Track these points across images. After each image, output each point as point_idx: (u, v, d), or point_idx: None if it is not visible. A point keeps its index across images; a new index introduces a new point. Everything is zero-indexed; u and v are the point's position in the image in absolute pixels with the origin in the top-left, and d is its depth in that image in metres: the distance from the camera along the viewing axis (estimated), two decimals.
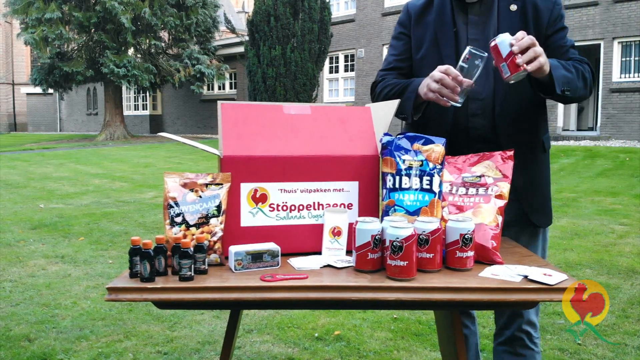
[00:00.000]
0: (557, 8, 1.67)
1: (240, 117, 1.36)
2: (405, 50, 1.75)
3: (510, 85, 1.62)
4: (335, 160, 1.35)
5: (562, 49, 1.65)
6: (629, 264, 4.05)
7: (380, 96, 1.72)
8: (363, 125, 1.42)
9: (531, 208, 1.66)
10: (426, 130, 1.69)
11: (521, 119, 1.64)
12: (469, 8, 1.68)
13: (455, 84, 1.42)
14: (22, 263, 4.14)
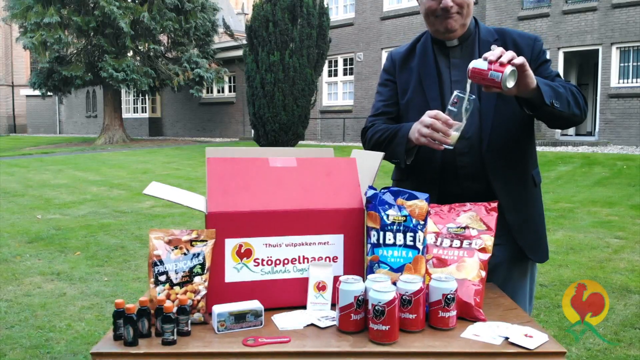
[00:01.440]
0: (538, 44, 1.69)
1: (226, 171, 1.37)
2: (392, 95, 1.78)
3: (496, 122, 1.64)
4: (321, 214, 1.36)
5: (547, 79, 1.66)
6: (623, 282, 4.06)
7: (371, 142, 1.74)
8: (348, 177, 1.43)
9: (526, 245, 1.67)
10: (416, 172, 1.71)
11: (509, 155, 1.66)
12: (451, 52, 1.71)
13: (446, 127, 1.44)
14: (18, 281, 4.15)
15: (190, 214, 6.92)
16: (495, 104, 1.63)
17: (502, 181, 1.64)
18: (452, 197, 1.67)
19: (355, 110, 19.14)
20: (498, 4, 14.95)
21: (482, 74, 1.41)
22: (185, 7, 18.58)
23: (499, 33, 1.72)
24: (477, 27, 1.73)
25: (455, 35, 1.67)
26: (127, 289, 3.98)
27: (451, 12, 1.60)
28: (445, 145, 1.46)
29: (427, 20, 1.69)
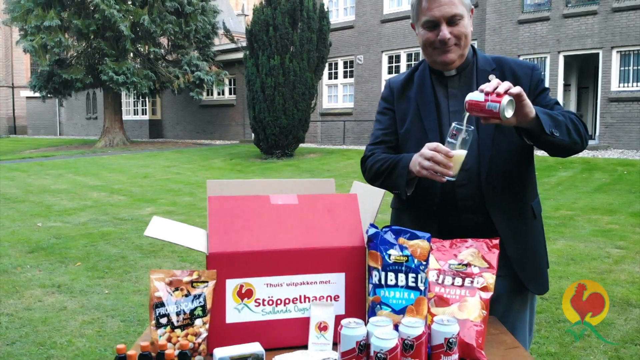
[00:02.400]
0: (536, 73, 1.69)
1: (227, 210, 1.37)
2: (390, 124, 1.78)
3: (494, 154, 1.64)
4: (322, 253, 1.35)
5: (546, 108, 1.66)
6: (623, 295, 4.05)
7: (371, 171, 1.74)
8: (350, 214, 1.43)
9: (526, 277, 1.67)
10: (416, 202, 1.71)
11: (508, 187, 1.65)
12: (449, 81, 1.70)
13: (447, 160, 1.44)
14: (19, 294, 4.15)
15: (190, 222, 6.90)
16: (492, 136, 1.63)
17: (501, 213, 1.64)
18: (452, 229, 1.67)
19: (355, 113, 19.14)
20: (498, 8, 14.95)
21: (480, 106, 1.41)
22: (186, 10, 18.58)
23: (497, 62, 1.72)
24: (475, 57, 1.72)
25: (454, 66, 1.66)
26: (127, 302, 3.98)
27: (449, 44, 1.60)
28: (448, 178, 1.46)
29: (425, 51, 1.69)
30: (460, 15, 1.59)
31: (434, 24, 1.59)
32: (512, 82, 1.66)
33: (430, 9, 1.59)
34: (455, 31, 1.60)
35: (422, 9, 1.61)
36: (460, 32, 1.60)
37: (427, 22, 1.60)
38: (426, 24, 1.61)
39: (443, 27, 1.58)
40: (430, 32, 1.61)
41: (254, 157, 14.98)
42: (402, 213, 1.79)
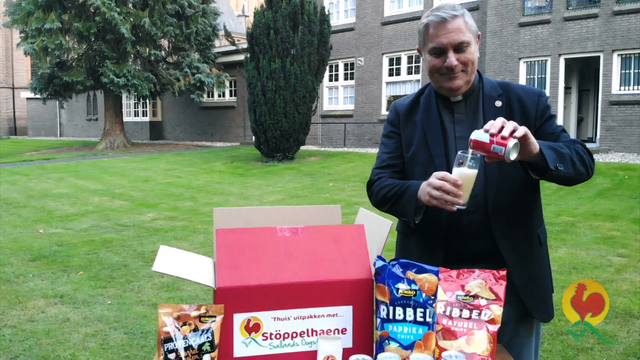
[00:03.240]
0: (543, 100, 1.69)
1: (234, 243, 1.37)
2: (396, 148, 1.78)
3: (501, 181, 1.64)
4: (329, 285, 1.35)
5: (552, 135, 1.67)
6: (626, 306, 4.05)
7: (378, 197, 1.74)
8: (357, 246, 1.43)
9: (532, 304, 1.68)
10: (422, 228, 1.71)
11: (514, 214, 1.66)
12: (455, 107, 1.71)
13: (456, 188, 1.45)
14: (22, 304, 4.15)
15: (191, 229, 6.92)
16: (499, 163, 1.63)
17: (507, 240, 1.64)
18: (459, 255, 1.68)
19: (356, 115, 19.15)
20: (499, 11, 14.95)
21: (485, 147, 1.41)
22: (186, 12, 18.58)
23: (503, 87, 1.72)
24: (481, 82, 1.72)
25: (460, 92, 1.67)
26: (130, 313, 3.98)
27: (456, 71, 1.61)
28: (458, 206, 1.47)
29: (432, 77, 1.69)
30: (467, 43, 1.60)
31: (441, 51, 1.60)
32: (519, 108, 1.67)
33: (437, 36, 1.59)
34: (462, 58, 1.60)
35: (429, 35, 1.62)
36: (467, 59, 1.61)
37: (434, 48, 1.61)
38: (433, 51, 1.62)
39: (450, 54, 1.59)
40: (437, 58, 1.62)
41: (255, 160, 14.98)
42: (409, 237, 1.80)
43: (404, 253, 1.82)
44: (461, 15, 1.60)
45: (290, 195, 9.67)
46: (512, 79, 14.93)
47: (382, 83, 18.48)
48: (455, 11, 1.59)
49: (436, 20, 1.59)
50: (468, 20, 1.62)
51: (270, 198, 9.40)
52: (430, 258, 1.70)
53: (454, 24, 1.58)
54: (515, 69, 14.88)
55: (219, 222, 1.59)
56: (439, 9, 1.61)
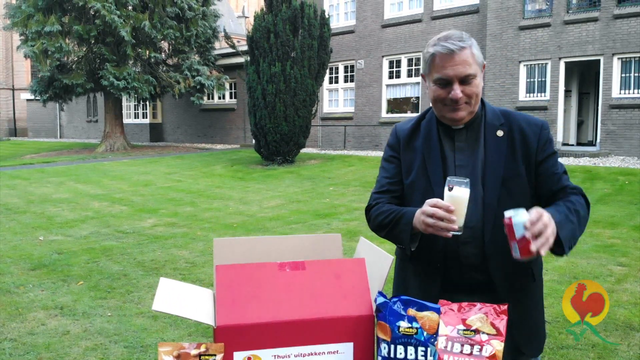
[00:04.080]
0: (545, 133, 1.68)
1: (235, 279, 1.37)
2: (396, 173, 1.77)
3: (499, 213, 1.63)
4: (330, 322, 1.35)
5: (554, 176, 1.67)
6: (626, 318, 4.05)
7: (375, 222, 1.75)
8: (358, 281, 1.42)
9: (522, 339, 1.67)
10: (420, 257, 1.71)
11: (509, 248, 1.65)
12: (456, 134, 1.70)
13: (449, 214, 1.45)
14: (22, 316, 4.15)
15: (192, 235, 6.91)
16: (499, 195, 1.62)
17: (501, 274, 1.64)
18: (456, 285, 1.68)
19: (356, 118, 19.15)
20: (499, 14, 14.95)
21: (510, 234, 1.42)
22: (187, 15, 18.59)
23: (505, 117, 1.71)
24: (483, 110, 1.72)
25: (462, 122, 1.67)
26: (130, 325, 3.98)
27: (460, 102, 1.60)
28: (453, 232, 1.47)
29: (435, 105, 1.68)
30: (473, 75, 1.59)
31: (447, 82, 1.59)
32: (520, 139, 1.67)
33: (444, 67, 1.59)
34: (467, 90, 1.60)
35: (435, 65, 1.61)
36: (472, 92, 1.60)
37: (440, 79, 1.60)
38: (438, 81, 1.61)
39: (455, 86, 1.58)
40: (442, 89, 1.61)
41: (255, 163, 14.98)
42: (406, 265, 1.79)
43: (402, 280, 1.82)
44: (469, 46, 1.59)
45: (291, 200, 9.67)
46: (512, 82, 14.93)
47: (382, 85, 18.49)
48: (463, 42, 1.58)
49: (443, 51, 1.58)
50: (475, 51, 1.61)
51: (270, 203, 9.40)
52: (427, 286, 1.71)
53: (461, 56, 1.57)
54: (516, 72, 14.88)
55: (219, 252, 1.59)
56: (446, 39, 1.59)
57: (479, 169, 1.65)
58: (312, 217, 8.07)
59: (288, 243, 1.63)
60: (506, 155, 1.65)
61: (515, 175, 1.64)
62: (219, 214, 8.46)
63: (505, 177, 1.63)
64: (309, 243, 1.63)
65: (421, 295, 1.70)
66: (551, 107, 14.32)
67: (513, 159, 1.65)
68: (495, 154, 1.65)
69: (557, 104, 14.30)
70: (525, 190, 1.65)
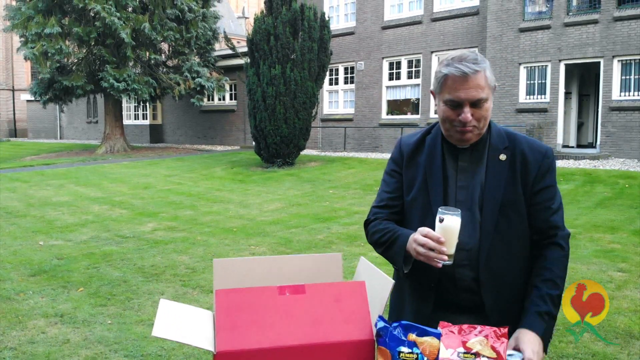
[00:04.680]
0: (547, 161, 1.67)
1: (234, 304, 1.37)
2: (397, 188, 1.77)
3: (496, 239, 1.64)
4: (330, 347, 1.35)
5: (547, 211, 1.67)
6: (626, 326, 4.05)
7: (372, 239, 1.77)
8: (358, 305, 1.42)
9: None
10: (415, 277, 1.71)
11: (505, 273, 1.66)
12: (460, 154, 1.69)
13: (439, 245, 1.48)
14: (22, 324, 4.15)
15: (192, 240, 6.91)
16: (496, 222, 1.63)
17: (494, 297, 1.65)
18: (449, 305, 1.68)
19: (356, 119, 19.15)
20: (499, 16, 14.95)
21: None
22: (187, 17, 18.59)
23: (510, 139, 1.70)
24: (489, 131, 1.70)
25: (468, 143, 1.66)
26: (130, 333, 3.98)
27: (468, 125, 1.59)
28: (443, 262, 1.50)
29: (443, 125, 1.67)
30: (484, 99, 1.58)
31: (457, 104, 1.58)
32: (521, 165, 1.66)
33: (456, 89, 1.57)
34: (477, 114, 1.59)
35: (447, 86, 1.59)
36: (482, 116, 1.60)
37: (451, 101, 1.59)
38: (449, 102, 1.60)
39: (466, 109, 1.57)
40: (451, 110, 1.60)
41: (255, 165, 14.98)
42: (402, 282, 1.79)
43: (398, 297, 1.83)
44: (482, 69, 1.58)
45: (291, 203, 9.67)
46: (512, 84, 14.93)
47: (382, 87, 18.49)
48: (477, 65, 1.57)
49: (457, 74, 1.56)
50: (488, 74, 1.60)
51: (270, 206, 9.40)
52: (421, 304, 1.72)
53: (474, 80, 1.56)
54: (516, 74, 14.88)
55: (218, 273, 1.59)
56: (460, 60, 1.57)
57: (478, 191, 1.65)
58: (312, 221, 8.07)
59: (288, 263, 1.63)
60: (506, 180, 1.64)
61: (513, 201, 1.64)
62: (219, 217, 8.47)
63: (504, 203, 1.63)
64: (309, 263, 1.63)
65: (415, 313, 1.72)
66: (551, 109, 14.33)
67: (513, 185, 1.64)
68: (495, 178, 1.65)
69: (557, 106, 14.30)
70: (523, 217, 1.66)
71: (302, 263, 1.64)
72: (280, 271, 1.60)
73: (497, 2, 14.91)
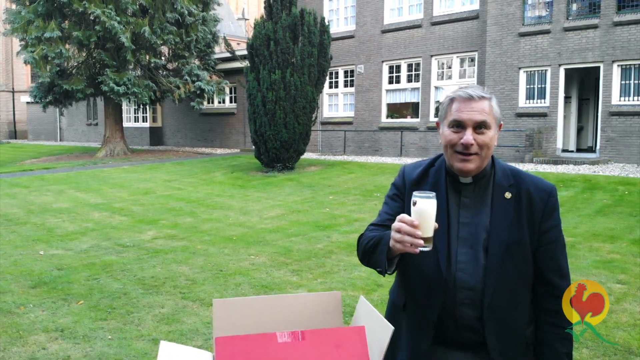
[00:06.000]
0: (552, 200, 1.68)
1: (234, 352, 1.38)
2: (398, 212, 1.75)
3: (501, 279, 1.63)
4: None
5: (554, 253, 1.68)
6: (625, 341, 4.05)
7: (360, 249, 1.76)
8: (358, 351, 1.43)
9: None
10: (415, 310, 1.71)
11: (509, 313, 1.66)
12: (462, 189, 1.69)
13: (412, 229, 1.44)
14: (23, 339, 4.16)
15: (192, 250, 6.92)
16: (502, 261, 1.62)
17: (497, 337, 1.64)
18: (448, 341, 1.68)
19: (356, 122, 19.17)
20: (499, 20, 14.96)
21: None
22: (186, 20, 18.60)
23: (515, 178, 1.70)
24: (493, 168, 1.71)
25: (470, 174, 1.66)
26: (130, 350, 3.99)
27: (471, 150, 1.59)
28: (421, 248, 1.46)
29: (445, 152, 1.68)
30: (488, 125, 1.60)
31: (461, 126, 1.60)
32: (526, 204, 1.66)
33: (460, 110, 1.60)
34: (480, 139, 1.59)
35: (451, 109, 1.62)
36: (484, 142, 1.60)
37: (454, 121, 1.61)
38: (453, 123, 1.61)
39: (468, 131, 1.59)
40: (454, 133, 1.61)
41: (255, 169, 14.99)
42: (399, 315, 1.77)
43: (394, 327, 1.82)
44: (489, 99, 1.61)
45: (291, 209, 9.68)
46: (512, 88, 14.94)
47: (382, 90, 18.50)
48: (484, 93, 1.61)
49: (463, 96, 1.60)
50: (494, 105, 1.62)
51: (270, 213, 9.41)
52: (419, 339, 1.70)
53: (479, 104, 1.59)
54: (515, 78, 14.89)
55: (218, 314, 1.60)
56: (467, 87, 1.62)
57: (482, 230, 1.65)
58: (312, 228, 8.08)
59: (287, 303, 1.64)
60: (512, 220, 1.64)
61: (519, 242, 1.64)
62: (219, 225, 8.47)
63: (510, 243, 1.63)
64: (309, 303, 1.64)
65: (411, 349, 1.71)
66: (551, 113, 14.34)
67: (518, 225, 1.64)
68: (501, 217, 1.64)
69: (557, 110, 14.31)
70: (528, 257, 1.66)
71: (301, 302, 1.65)
72: (280, 311, 1.61)
73: (496, 6, 14.93)
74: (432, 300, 1.65)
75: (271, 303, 1.63)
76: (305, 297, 1.65)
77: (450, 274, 1.63)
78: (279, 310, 1.61)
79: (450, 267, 1.64)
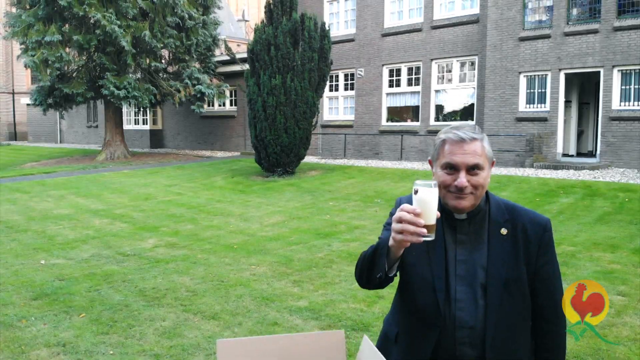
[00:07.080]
0: (547, 235, 1.69)
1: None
2: None
3: (501, 316, 1.64)
4: None
5: (550, 287, 1.70)
6: (625, 356, 4.06)
7: (358, 264, 1.74)
8: None
9: None
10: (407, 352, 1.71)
11: (510, 349, 1.66)
12: (458, 225, 1.69)
13: (415, 217, 1.44)
14: (25, 355, 4.16)
15: (192, 259, 6.93)
16: (501, 299, 1.63)
17: None
18: None
19: (356, 126, 19.19)
20: (499, 24, 14.97)
21: None
22: (187, 24, 18.61)
23: (510, 212, 1.70)
24: (488, 203, 1.71)
25: (465, 210, 1.66)
26: None
27: (465, 191, 1.60)
28: (424, 237, 1.45)
29: (440, 191, 1.67)
30: (481, 167, 1.61)
31: (454, 169, 1.61)
32: (523, 239, 1.67)
33: (452, 153, 1.60)
34: (473, 180, 1.60)
35: (444, 151, 1.63)
36: (478, 183, 1.61)
37: (447, 164, 1.62)
38: (446, 166, 1.62)
39: (462, 174, 1.59)
40: (448, 175, 1.62)
41: (255, 174, 15.00)
42: (392, 349, 1.76)
43: None
44: (480, 139, 1.62)
45: (291, 216, 9.69)
46: (512, 93, 14.95)
47: (382, 94, 18.52)
48: (475, 134, 1.61)
49: (454, 138, 1.60)
50: (486, 145, 1.63)
51: (270, 220, 9.42)
52: None
53: (471, 146, 1.60)
54: (515, 82, 14.90)
55: (222, 355, 1.61)
56: (459, 128, 1.62)
57: (480, 267, 1.66)
58: (313, 236, 8.09)
59: (291, 343, 1.65)
60: (509, 256, 1.65)
61: (517, 278, 1.65)
62: (219, 232, 8.48)
63: (507, 280, 1.64)
64: (312, 342, 1.65)
65: None
66: (551, 118, 14.35)
67: (516, 261, 1.65)
68: (498, 254, 1.65)
69: (557, 115, 14.32)
70: (526, 293, 1.67)
71: (305, 341, 1.65)
72: (284, 351, 1.62)
73: (497, 10, 14.94)
74: (427, 336, 1.65)
75: (275, 343, 1.64)
76: (309, 337, 1.66)
77: (449, 312, 1.64)
78: (283, 349, 1.62)
79: (449, 306, 1.64)
